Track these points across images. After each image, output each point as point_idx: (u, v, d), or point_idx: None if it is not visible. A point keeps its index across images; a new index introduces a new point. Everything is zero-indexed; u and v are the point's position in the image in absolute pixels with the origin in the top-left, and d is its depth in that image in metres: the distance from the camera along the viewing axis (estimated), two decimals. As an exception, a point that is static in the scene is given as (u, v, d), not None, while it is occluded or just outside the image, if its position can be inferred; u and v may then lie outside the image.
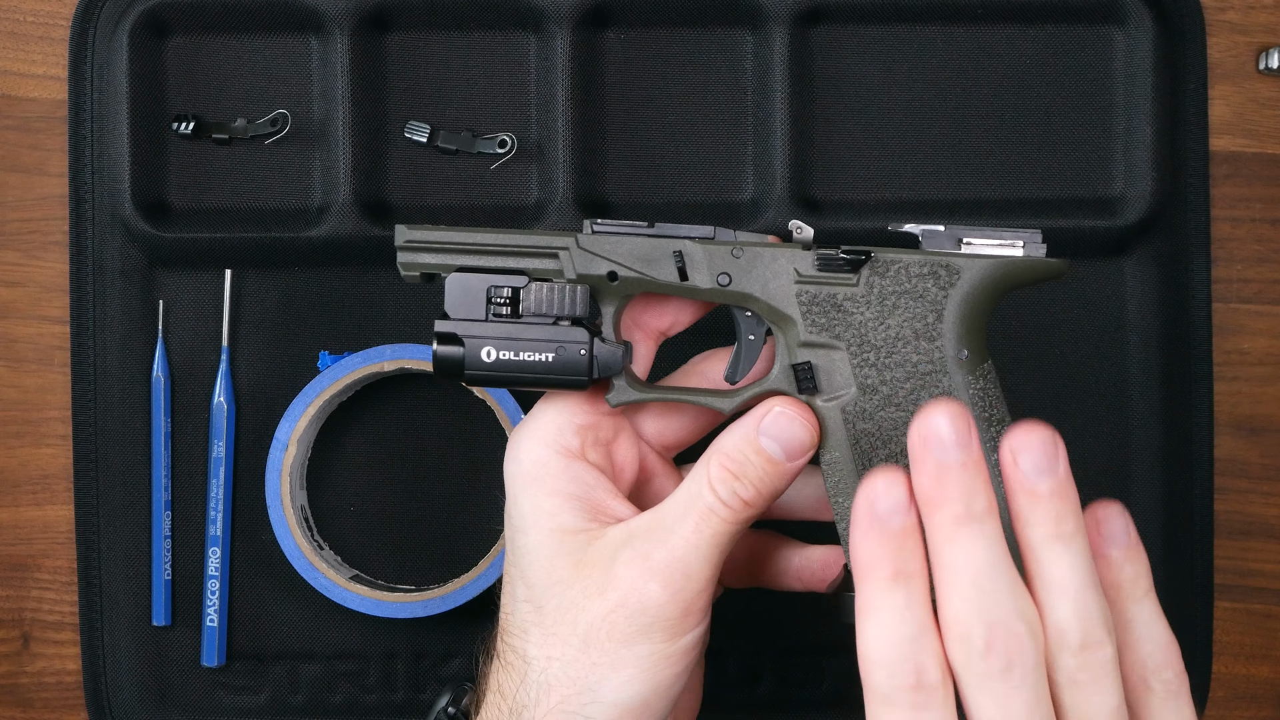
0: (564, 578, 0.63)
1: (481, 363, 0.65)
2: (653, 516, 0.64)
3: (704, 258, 0.65)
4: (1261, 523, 0.81)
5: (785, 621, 0.80)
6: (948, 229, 0.65)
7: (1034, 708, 0.55)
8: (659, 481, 0.69)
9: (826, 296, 0.64)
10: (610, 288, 0.65)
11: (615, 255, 0.65)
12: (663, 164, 0.80)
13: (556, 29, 0.78)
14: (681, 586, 0.62)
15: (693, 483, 0.64)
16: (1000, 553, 0.56)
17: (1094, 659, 0.56)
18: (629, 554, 0.63)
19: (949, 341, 0.64)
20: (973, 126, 0.80)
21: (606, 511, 0.65)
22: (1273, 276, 0.81)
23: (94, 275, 0.79)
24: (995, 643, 0.55)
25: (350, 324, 0.80)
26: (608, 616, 0.62)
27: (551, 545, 0.64)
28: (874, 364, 0.64)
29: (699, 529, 0.63)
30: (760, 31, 0.79)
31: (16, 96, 0.80)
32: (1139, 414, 0.80)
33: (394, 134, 0.79)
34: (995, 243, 0.65)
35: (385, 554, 0.80)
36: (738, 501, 0.63)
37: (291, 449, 0.77)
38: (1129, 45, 0.79)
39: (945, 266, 0.64)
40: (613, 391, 0.65)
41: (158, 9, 0.78)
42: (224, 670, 0.80)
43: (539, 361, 0.65)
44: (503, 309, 0.65)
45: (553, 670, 0.63)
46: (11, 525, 0.81)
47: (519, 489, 0.65)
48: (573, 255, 0.65)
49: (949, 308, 0.64)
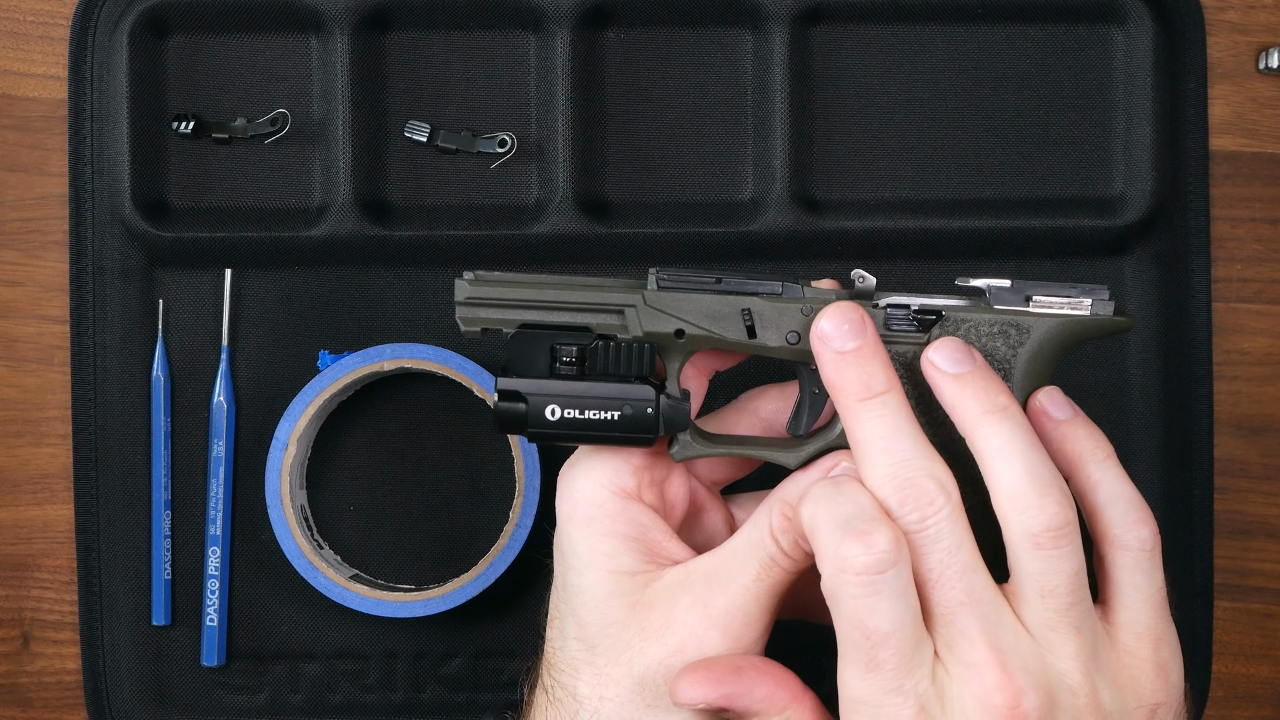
0: (619, 619, 0.63)
1: (545, 420, 0.64)
2: (712, 561, 0.63)
3: (774, 316, 0.64)
4: (1261, 523, 0.81)
5: (785, 621, 0.80)
6: (1014, 284, 0.64)
7: (952, 554, 0.58)
8: (707, 515, 0.69)
9: (895, 355, 0.64)
10: (676, 344, 0.64)
11: (682, 313, 0.64)
12: (663, 164, 0.80)
13: (556, 29, 0.78)
14: (741, 634, 0.62)
15: (754, 530, 0.63)
16: (902, 420, 0.61)
17: (1050, 518, 0.58)
18: (689, 599, 0.63)
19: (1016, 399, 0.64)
20: (973, 126, 0.80)
21: (662, 553, 0.64)
22: (1273, 276, 0.81)
23: (94, 275, 0.79)
24: (905, 501, 0.59)
25: (350, 324, 0.80)
26: (665, 661, 0.62)
27: (608, 586, 0.63)
28: (941, 421, 0.64)
29: (760, 578, 0.63)
30: (760, 31, 0.79)
31: (16, 96, 0.80)
32: (1139, 414, 0.80)
33: (394, 134, 0.79)
34: (1064, 300, 0.64)
35: (385, 554, 0.80)
36: (799, 552, 0.63)
37: (291, 449, 0.77)
38: (1129, 45, 0.79)
39: (1015, 326, 0.64)
40: (677, 446, 0.65)
41: (158, 9, 0.78)
42: (224, 670, 0.80)
43: (605, 420, 0.64)
44: (568, 369, 0.64)
45: (605, 710, 0.63)
46: (11, 525, 0.81)
47: (574, 528, 0.64)
48: (639, 313, 0.64)
49: (1018, 366, 0.64)
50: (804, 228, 0.78)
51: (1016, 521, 0.59)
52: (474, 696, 0.80)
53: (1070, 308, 0.64)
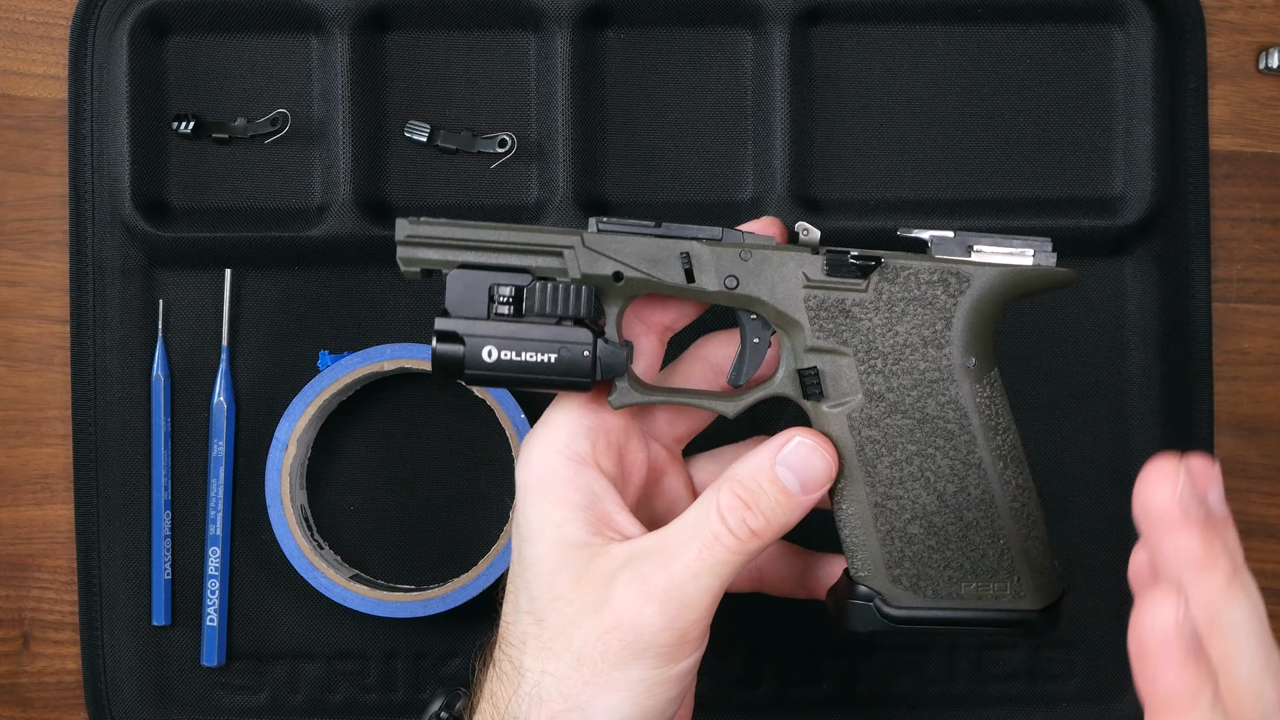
0: (564, 593, 0.63)
1: (482, 362, 0.64)
2: (657, 539, 0.63)
3: (711, 260, 0.64)
4: (1261, 523, 0.81)
5: (785, 621, 0.80)
6: (957, 235, 0.64)
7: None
8: (668, 480, 0.69)
9: (835, 302, 0.64)
10: (615, 288, 0.64)
11: (621, 255, 0.64)
12: (663, 164, 0.80)
13: (556, 29, 0.78)
14: (678, 614, 0.62)
15: (700, 508, 0.63)
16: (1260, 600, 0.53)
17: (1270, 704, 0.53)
18: (629, 575, 0.62)
19: (957, 349, 0.64)
20: (973, 126, 0.80)
21: (611, 524, 0.64)
22: (1273, 276, 0.81)
23: (94, 275, 0.79)
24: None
25: (350, 324, 0.80)
26: (602, 637, 0.62)
27: (556, 558, 0.63)
28: (881, 370, 0.64)
29: (701, 556, 0.62)
30: (760, 31, 0.79)
31: (16, 96, 0.80)
32: (1139, 414, 0.80)
33: (394, 134, 0.79)
34: (1006, 251, 0.64)
35: (385, 554, 0.80)
36: (745, 531, 0.62)
37: (291, 449, 0.77)
38: (1129, 45, 0.79)
39: (955, 274, 0.64)
40: (615, 393, 0.65)
41: (158, 9, 0.78)
42: (224, 670, 0.80)
43: (541, 362, 0.64)
44: (505, 308, 0.64)
45: (545, 684, 0.62)
46: (11, 525, 0.81)
47: (528, 496, 0.64)
48: (578, 254, 0.64)
49: (958, 315, 0.64)
50: (804, 228, 0.78)
51: (1257, 709, 0.53)
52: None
53: (1012, 257, 0.64)
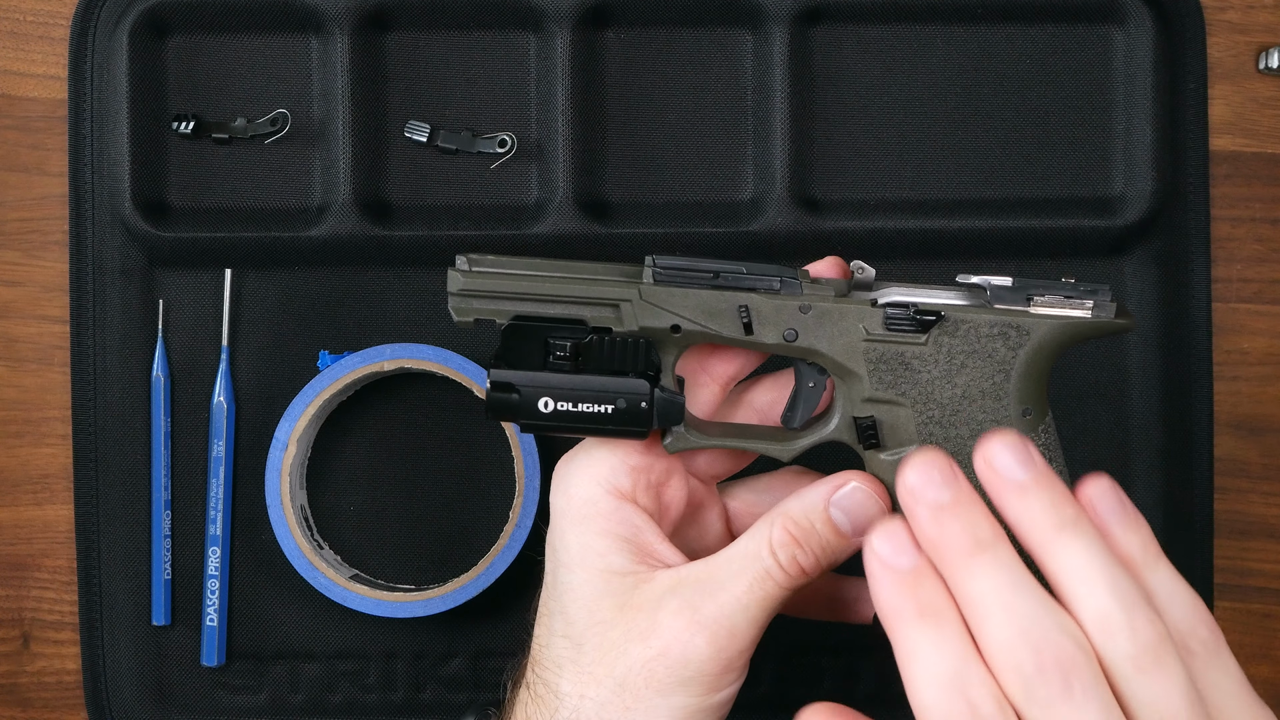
0: (607, 619, 0.63)
1: (538, 413, 0.63)
2: (704, 568, 0.63)
3: (771, 313, 0.63)
4: (1261, 523, 0.81)
5: (785, 621, 0.80)
6: (1016, 283, 0.63)
7: (1105, 715, 0.51)
8: (704, 512, 0.68)
9: (894, 354, 0.63)
10: (672, 339, 0.64)
11: (679, 309, 0.63)
12: (663, 164, 0.80)
13: (556, 29, 0.78)
14: (726, 644, 0.62)
15: (751, 541, 0.63)
16: (1020, 572, 0.53)
17: (1147, 638, 0.52)
18: (676, 603, 0.62)
19: (1014, 400, 0.63)
20: (973, 126, 0.80)
21: (654, 555, 0.64)
22: (1273, 276, 0.81)
23: (94, 275, 0.79)
24: (1045, 662, 0.51)
25: (350, 324, 0.80)
26: (648, 664, 0.62)
27: (598, 585, 0.63)
28: (939, 421, 0.63)
29: (752, 590, 0.62)
30: (760, 31, 0.79)
31: (16, 96, 0.80)
32: (1139, 414, 0.80)
33: (394, 134, 0.79)
34: (1066, 302, 0.64)
35: (385, 554, 0.80)
36: (796, 568, 0.62)
37: (291, 449, 0.77)
38: (1129, 45, 0.79)
39: (1015, 327, 0.63)
40: (670, 439, 0.64)
41: (158, 9, 0.78)
42: (224, 670, 0.80)
43: (598, 413, 0.63)
44: (562, 361, 0.63)
45: (585, 709, 0.62)
46: (11, 525, 0.81)
47: (568, 525, 0.64)
48: (635, 308, 0.63)
49: (1017, 368, 0.63)
50: (804, 228, 0.78)
51: (1113, 648, 0.53)
52: (474, 696, 0.80)
53: (1072, 309, 0.64)
